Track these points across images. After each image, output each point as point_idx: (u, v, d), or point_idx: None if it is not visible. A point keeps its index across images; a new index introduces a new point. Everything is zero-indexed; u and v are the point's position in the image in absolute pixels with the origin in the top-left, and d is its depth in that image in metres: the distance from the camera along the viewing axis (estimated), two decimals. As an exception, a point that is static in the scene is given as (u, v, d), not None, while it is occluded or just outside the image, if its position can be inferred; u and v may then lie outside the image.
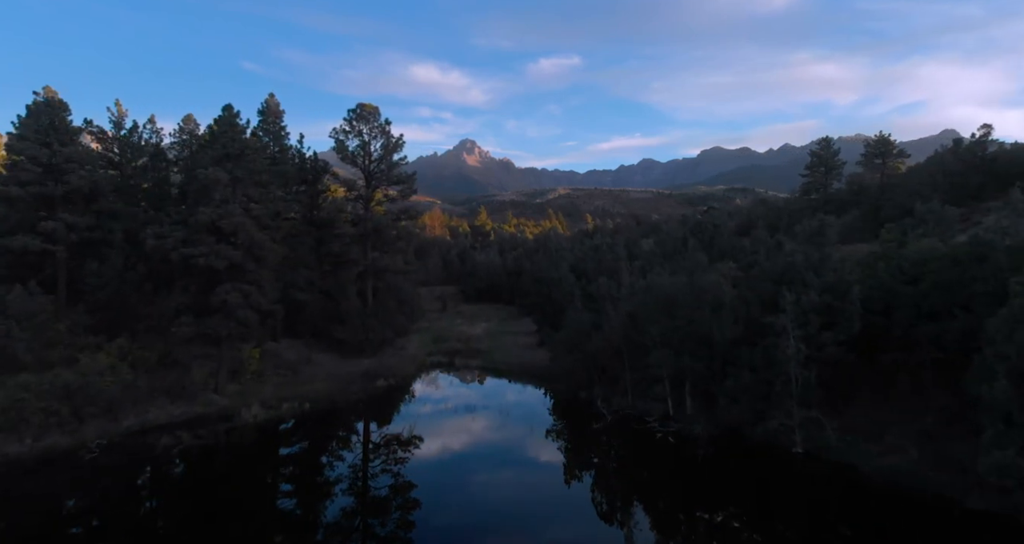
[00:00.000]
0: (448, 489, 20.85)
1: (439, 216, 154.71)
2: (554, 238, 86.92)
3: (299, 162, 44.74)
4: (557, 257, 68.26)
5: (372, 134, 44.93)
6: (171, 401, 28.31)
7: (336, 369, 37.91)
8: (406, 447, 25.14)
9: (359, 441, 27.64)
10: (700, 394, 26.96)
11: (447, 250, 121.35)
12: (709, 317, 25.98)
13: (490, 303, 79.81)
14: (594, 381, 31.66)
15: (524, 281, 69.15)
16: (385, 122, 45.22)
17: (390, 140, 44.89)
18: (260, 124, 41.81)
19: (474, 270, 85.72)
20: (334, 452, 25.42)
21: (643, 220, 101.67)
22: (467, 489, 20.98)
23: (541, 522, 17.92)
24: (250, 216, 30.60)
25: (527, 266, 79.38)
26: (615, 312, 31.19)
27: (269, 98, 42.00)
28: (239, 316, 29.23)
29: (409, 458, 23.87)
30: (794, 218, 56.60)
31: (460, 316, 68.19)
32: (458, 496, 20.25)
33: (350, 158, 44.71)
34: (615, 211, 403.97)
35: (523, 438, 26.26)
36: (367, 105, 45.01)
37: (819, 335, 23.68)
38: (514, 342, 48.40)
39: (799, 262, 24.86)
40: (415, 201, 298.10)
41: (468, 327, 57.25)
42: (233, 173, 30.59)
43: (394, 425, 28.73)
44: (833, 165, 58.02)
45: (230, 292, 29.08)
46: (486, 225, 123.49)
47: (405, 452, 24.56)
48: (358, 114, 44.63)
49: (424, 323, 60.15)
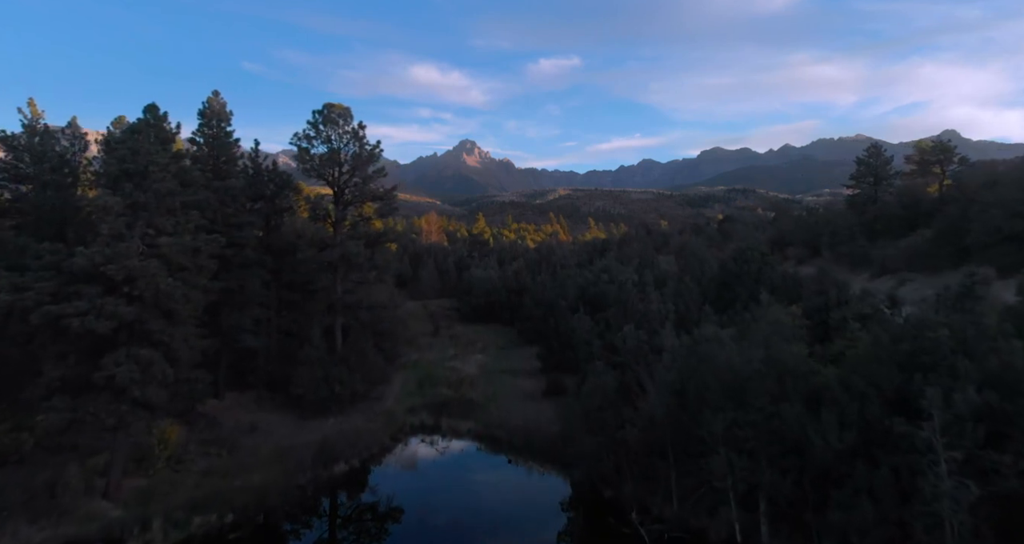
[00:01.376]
0: None
1: (436, 220, 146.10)
2: (558, 251, 78.55)
3: (254, 175, 36.33)
4: (563, 277, 59.96)
5: (342, 141, 36.51)
6: (32, 520, 19.90)
7: (288, 439, 29.49)
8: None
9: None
10: (785, 519, 18.65)
11: (443, 258, 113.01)
12: (800, 412, 17.67)
13: (488, 324, 71.35)
14: (624, 475, 23.33)
15: (525, 302, 60.89)
16: (359, 126, 36.77)
17: (364, 148, 36.43)
18: (199, 129, 33.39)
19: (471, 287, 77.24)
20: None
21: (652, 228, 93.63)
22: None
23: None
24: (157, 255, 22.22)
25: (528, 283, 71.09)
26: (652, 383, 22.81)
27: (211, 97, 33.58)
28: (135, 396, 20.89)
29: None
30: (839, 237, 48.21)
31: (454, 342, 59.71)
32: None
33: (316, 170, 36.30)
34: (615, 212, 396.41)
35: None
36: (336, 105, 36.57)
37: (983, 454, 15.42)
38: (515, 388, 39.95)
39: (942, 340, 16.35)
40: (415, 202, 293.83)
41: (462, 362, 48.75)
42: (133, 197, 22.20)
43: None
44: (884, 174, 49.55)
45: (122, 363, 20.73)
46: (484, 233, 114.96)
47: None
48: (325, 117, 36.18)
49: (412, 353, 51.80)
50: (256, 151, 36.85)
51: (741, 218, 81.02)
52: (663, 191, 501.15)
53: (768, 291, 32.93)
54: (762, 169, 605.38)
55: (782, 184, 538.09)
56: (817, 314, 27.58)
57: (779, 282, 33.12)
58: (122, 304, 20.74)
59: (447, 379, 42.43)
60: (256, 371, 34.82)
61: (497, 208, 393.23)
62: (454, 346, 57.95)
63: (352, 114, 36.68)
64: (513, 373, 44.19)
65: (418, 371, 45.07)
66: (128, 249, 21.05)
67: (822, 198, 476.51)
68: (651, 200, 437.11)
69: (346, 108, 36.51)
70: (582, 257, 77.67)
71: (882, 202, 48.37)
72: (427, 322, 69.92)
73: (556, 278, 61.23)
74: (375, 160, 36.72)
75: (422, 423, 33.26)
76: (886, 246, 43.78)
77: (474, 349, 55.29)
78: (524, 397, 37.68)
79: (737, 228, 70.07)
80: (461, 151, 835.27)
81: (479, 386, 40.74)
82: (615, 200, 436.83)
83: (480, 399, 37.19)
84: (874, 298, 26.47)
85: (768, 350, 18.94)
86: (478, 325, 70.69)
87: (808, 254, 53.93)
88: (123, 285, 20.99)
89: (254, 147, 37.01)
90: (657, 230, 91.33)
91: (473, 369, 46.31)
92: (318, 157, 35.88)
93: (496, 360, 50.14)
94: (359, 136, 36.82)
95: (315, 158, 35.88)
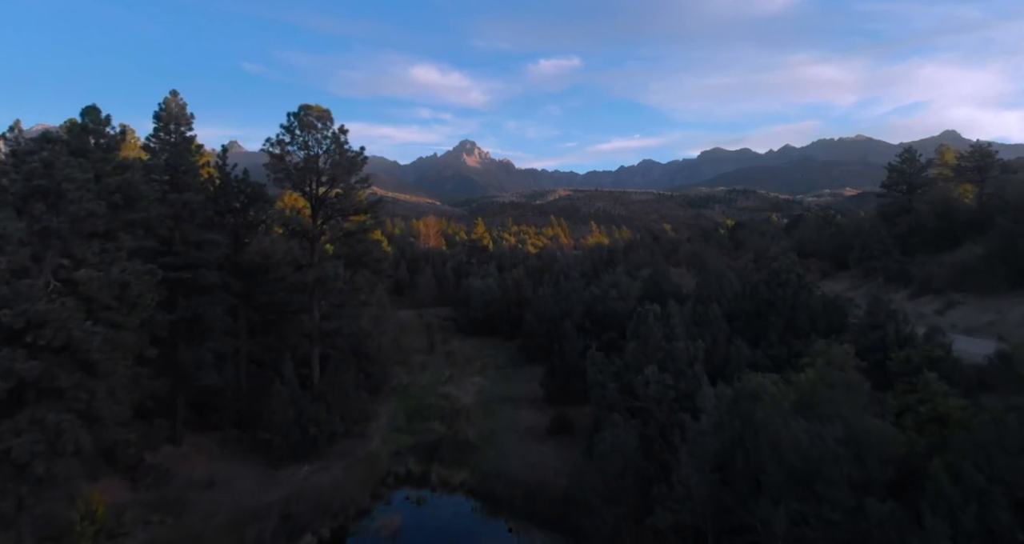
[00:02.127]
0: None
1: (434, 224, 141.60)
2: (561, 259, 74.05)
3: (221, 185, 31.90)
4: (567, 290, 55.48)
5: (321, 147, 32.07)
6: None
7: (251, 496, 25.03)
8: None
9: None
10: None
11: (442, 263, 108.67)
12: (895, 512, 13.33)
13: (486, 337, 66.99)
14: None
15: (527, 317, 56.45)
16: (339, 130, 32.31)
17: (346, 156, 32.00)
18: (155, 135, 28.97)
19: (469, 297, 72.76)
20: None
21: (659, 234, 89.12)
22: None
23: None
24: (74, 293, 17.85)
25: (529, 294, 66.66)
26: (685, 448, 18.41)
27: (169, 98, 29.12)
28: (40, 473, 16.52)
29: None
30: (871, 250, 43.73)
31: (450, 360, 55.36)
32: None
33: (290, 180, 31.86)
34: (616, 213, 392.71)
35: None
36: (314, 107, 32.09)
37: None
38: (516, 422, 35.52)
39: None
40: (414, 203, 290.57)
41: (457, 386, 44.28)
42: (43, 222, 17.83)
43: None
44: (919, 181, 45.02)
45: (22, 432, 16.35)
46: (483, 238, 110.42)
47: None
48: (301, 120, 31.70)
49: (404, 374, 47.42)
50: (224, 158, 32.42)
51: (753, 225, 76.52)
52: (663, 192, 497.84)
53: (807, 320, 28.59)
54: (762, 169, 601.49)
55: (782, 184, 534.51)
56: (872, 354, 23.19)
57: (818, 309, 28.69)
58: (21, 358, 16.35)
59: (440, 410, 37.98)
60: (222, 409, 30.42)
61: (497, 209, 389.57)
62: (450, 365, 53.55)
63: (332, 117, 32.21)
64: (513, 402, 39.76)
65: (409, 399, 40.67)
66: (31, 288, 16.65)
67: (822, 198, 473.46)
68: (652, 201, 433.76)
69: (325, 110, 32.06)
70: (586, 266, 73.20)
71: (916, 212, 43.89)
72: (422, 335, 65.53)
73: (559, 290, 56.77)
74: (359, 168, 32.29)
75: (408, 472, 28.70)
76: (927, 262, 39.36)
77: (471, 369, 50.84)
78: (526, 434, 33.26)
79: (751, 237, 65.64)
80: (461, 151, 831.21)
81: (476, 419, 36.31)
82: (615, 201, 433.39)
83: (476, 438, 32.74)
84: (944, 337, 22.04)
85: (847, 425, 14.48)
86: (476, 339, 66.26)
87: (833, 267, 49.51)
88: (24, 333, 16.60)
89: (221, 154, 32.59)
90: (664, 236, 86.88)
91: (470, 396, 41.83)
92: (293, 166, 31.47)
93: (495, 383, 45.69)
94: (340, 141, 32.37)
95: (289, 167, 31.45)
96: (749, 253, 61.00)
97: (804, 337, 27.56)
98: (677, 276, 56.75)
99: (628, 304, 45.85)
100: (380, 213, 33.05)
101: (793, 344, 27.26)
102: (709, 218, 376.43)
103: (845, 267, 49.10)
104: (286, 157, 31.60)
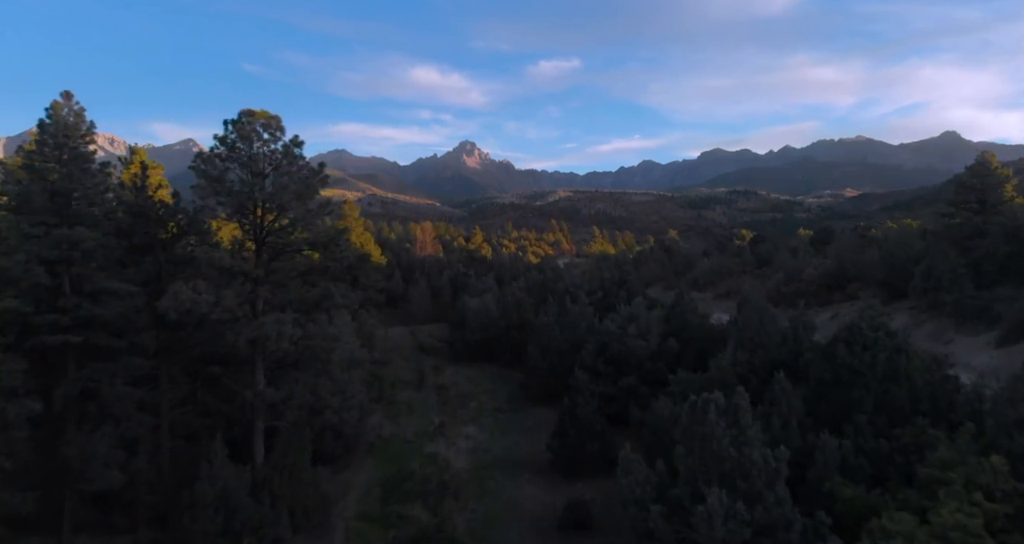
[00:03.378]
0: None
1: (431, 230, 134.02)
2: (565, 275, 66.64)
3: (135, 215, 24.61)
4: (574, 317, 48.13)
5: (265, 163, 24.72)
6: None
7: None
8: None
9: None
10: None
11: (438, 272, 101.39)
12: None
13: (484, 364, 59.77)
14: None
15: (530, 348, 49.15)
16: (293, 143, 24.93)
17: (300, 175, 24.64)
18: (38, 150, 21.67)
19: (464, 317, 65.33)
20: None
21: (670, 245, 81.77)
22: None
23: None
24: None
25: (531, 317, 59.33)
26: None
27: (57, 102, 21.78)
28: None
29: None
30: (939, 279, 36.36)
31: (441, 397, 48.09)
32: None
33: (228, 207, 24.52)
34: (617, 215, 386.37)
35: None
36: (258, 113, 24.57)
37: None
38: (519, 503, 28.31)
39: None
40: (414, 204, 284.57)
41: (447, 441, 36.84)
42: None
43: None
44: (995, 199, 37.59)
45: None
46: (482, 249, 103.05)
47: None
48: (241, 129, 24.27)
49: (387, 420, 40.16)
50: (140, 179, 25.04)
51: (776, 238, 69.14)
52: (664, 192, 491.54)
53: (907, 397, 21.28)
54: (763, 170, 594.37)
55: (783, 185, 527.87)
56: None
57: (919, 381, 21.38)
58: None
59: (425, 481, 30.62)
60: (134, 504, 23.14)
61: (497, 210, 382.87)
62: (442, 404, 46.20)
63: (283, 125, 24.79)
64: (515, 469, 32.43)
65: (388, 462, 33.38)
66: None
67: (823, 199, 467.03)
68: (652, 202, 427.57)
69: (274, 117, 24.58)
70: (593, 283, 65.95)
71: (991, 235, 36.50)
72: (412, 362, 58.17)
73: (566, 317, 49.47)
74: (316, 191, 24.97)
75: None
76: (1016, 298, 32.07)
77: (466, 412, 43.41)
78: (531, 528, 25.98)
79: (777, 254, 58.25)
80: (461, 152, 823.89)
81: (468, 496, 29.03)
82: (616, 202, 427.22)
83: (466, 534, 25.44)
84: None
85: None
86: (472, 368, 58.85)
87: (885, 295, 42.18)
88: None
89: (137, 175, 25.23)
90: (675, 247, 79.59)
91: (462, 458, 34.46)
92: (229, 189, 24.14)
93: (493, 436, 38.30)
94: (294, 156, 25.04)
95: (225, 190, 24.12)
96: (778, 273, 53.65)
97: (905, 422, 20.33)
98: (701, 302, 49.45)
99: (650, 343, 38.57)
100: (342, 245, 25.74)
101: (892, 434, 20.00)
102: (710, 219, 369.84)
103: (900, 295, 41.78)
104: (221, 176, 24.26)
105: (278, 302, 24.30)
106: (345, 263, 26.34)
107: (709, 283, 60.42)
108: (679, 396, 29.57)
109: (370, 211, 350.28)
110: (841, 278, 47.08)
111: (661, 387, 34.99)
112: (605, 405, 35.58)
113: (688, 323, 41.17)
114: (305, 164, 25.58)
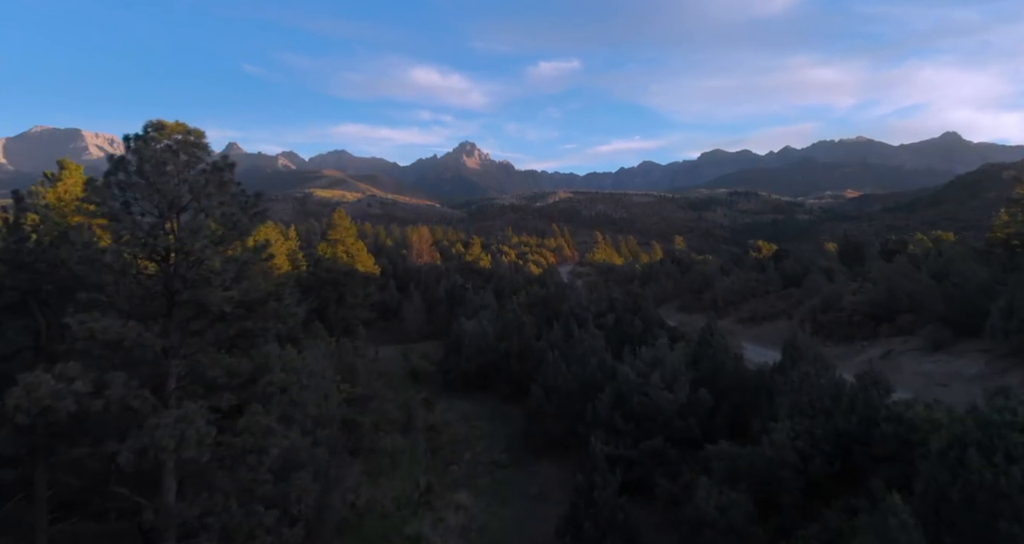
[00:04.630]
0: None
1: (427, 237, 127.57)
2: (571, 294, 60.12)
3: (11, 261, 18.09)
4: (585, 354, 41.60)
5: (183, 191, 18.22)
6: None
7: None
8: None
9: None
10: None
11: (434, 282, 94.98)
12: None
13: (480, 395, 53.10)
14: None
15: (532, 385, 42.68)
16: (218, 166, 18.45)
17: (221, 210, 18.16)
18: None
19: (460, 341, 58.81)
20: None
21: (681, 258, 75.39)
22: None
23: None
24: None
25: (533, 343, 52.93)
26: None
27: None
28: None
29: None
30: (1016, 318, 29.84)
31: (431, 444, 41.36)
32: None
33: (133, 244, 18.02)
34: (617, 216, 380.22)
35: None
36: (171, 125, 17.80)
37: None
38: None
39: None
40: (414, 204, 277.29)
41: (434, 518, 30.12)
42: None
43: None
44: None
45: None
46: (480, 260, 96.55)
47: None
48: (142, 151, 17.81)
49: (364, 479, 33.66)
50: (16, 213, 18.48)
51: (800, 255, 62.56)
52: (664, 193, 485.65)
53: None
54: (763, 171, 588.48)
55: (783, 186, 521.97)
56: None
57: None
58: None
59: (403, 585, 24.26)
60: None
61: (497, 211, 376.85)
62: (430, 456, 39.70)
63: (206, 143, 18.24)
64: (516, 564, 25.96)
65: (361, 551, 26.96)
66: None
67: (824, 200, 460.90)
68: (652, 203, 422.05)
69: (192, 130, 17.87)
70: (601, 303, 59.52)
71: None
72: (401, 394, 51.66)
73: (574, 351, 42.93)
74: (247, 231, 18.44)
75: None
76: None
77: (459, 470, 36.88)
78: None
79: (806, 273, 51.69)
80: (461, 153, 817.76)
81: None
82: (616, 203, 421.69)
83: None
84: None
85: None
86: (468, 400, 52.27)
87: (948, 333, 35.70)
88: None
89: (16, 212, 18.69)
90: (686, 259, 73.01)
91: (451, 540, 28.06)
92: (134, 227, 17.61)
93: (490, 505, 31.69)
94: (222, 183, 18.50)
95: (128, 226, 17.59)
96: (812, 298, 47.15)
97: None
98: (724, 329, 42.77)
99: (678, 395, 32.03)
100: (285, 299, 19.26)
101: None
102: (711, 220, 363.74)
103: (966, 332, 35.34)
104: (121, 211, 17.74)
105: (198, 381, 17.80)
106: (296, 320, 19.66)
107: (730, 304, 53.87)
108: (725, 477, 23.33)
109: (370, 212, 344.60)
110: (891, 309, 40.57)
111: (691, 449, 28.70)
112: (624, 471, 29.20)
113: (720, 365, 34.57)
114: (240, 191, 19.03)
